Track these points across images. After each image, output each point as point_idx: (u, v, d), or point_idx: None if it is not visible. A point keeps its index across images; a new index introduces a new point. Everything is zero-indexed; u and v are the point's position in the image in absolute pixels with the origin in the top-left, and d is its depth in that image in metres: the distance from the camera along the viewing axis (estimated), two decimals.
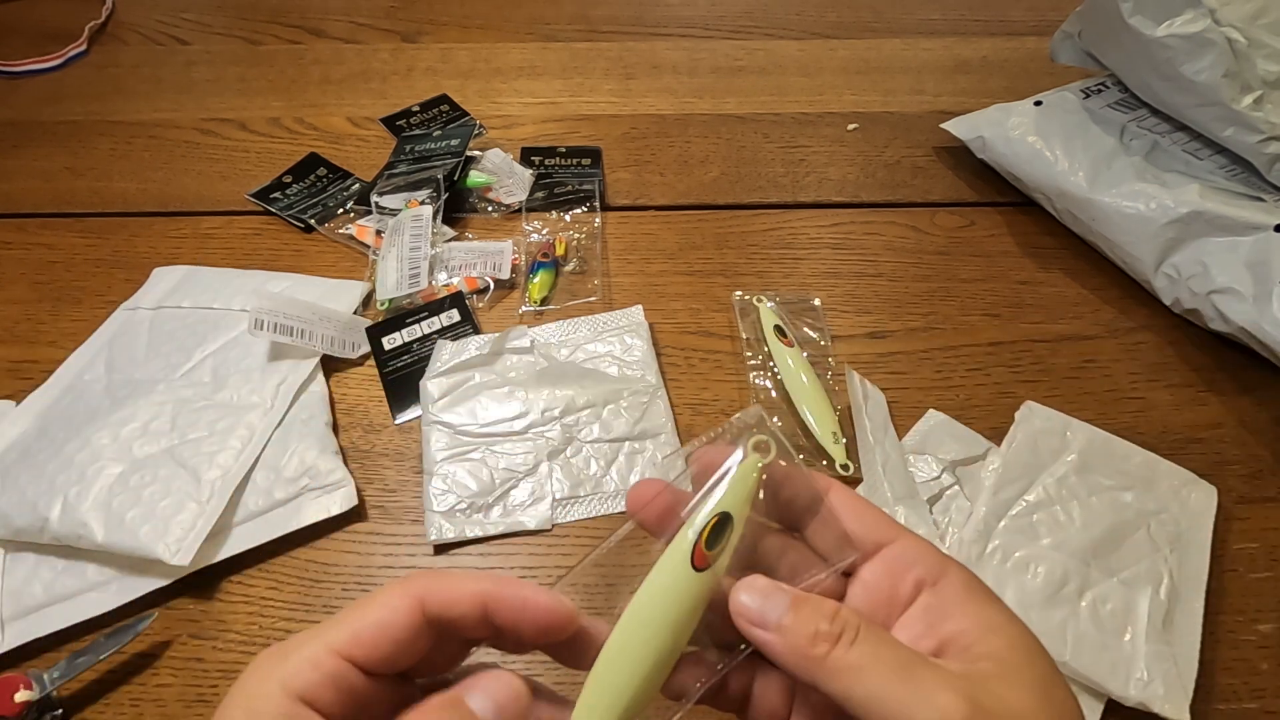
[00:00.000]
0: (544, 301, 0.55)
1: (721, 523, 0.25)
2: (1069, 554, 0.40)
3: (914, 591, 0.24)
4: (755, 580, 0.24)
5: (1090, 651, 0.37)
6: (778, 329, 0.51)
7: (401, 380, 0.51)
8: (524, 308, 0.55)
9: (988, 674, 0.22)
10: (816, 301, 0.55)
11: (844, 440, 0.46)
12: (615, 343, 0.51)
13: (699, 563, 0.24)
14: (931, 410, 0.48)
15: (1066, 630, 0.38)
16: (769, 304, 0.54)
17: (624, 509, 0.44)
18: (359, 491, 0.45)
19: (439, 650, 0.24)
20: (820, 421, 0.47)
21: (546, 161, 0.66)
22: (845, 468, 0.45)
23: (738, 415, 0.27)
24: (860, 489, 0.44)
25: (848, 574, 0.25)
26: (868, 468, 0.45)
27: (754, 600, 0.24)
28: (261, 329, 0.48)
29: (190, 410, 0.47)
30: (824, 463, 0.46)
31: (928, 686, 0.21)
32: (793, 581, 0.25)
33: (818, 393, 0.48)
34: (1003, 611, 0.23)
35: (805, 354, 0.51)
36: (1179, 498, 0.43)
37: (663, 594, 0.24)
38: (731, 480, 0.25)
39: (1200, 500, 0.44)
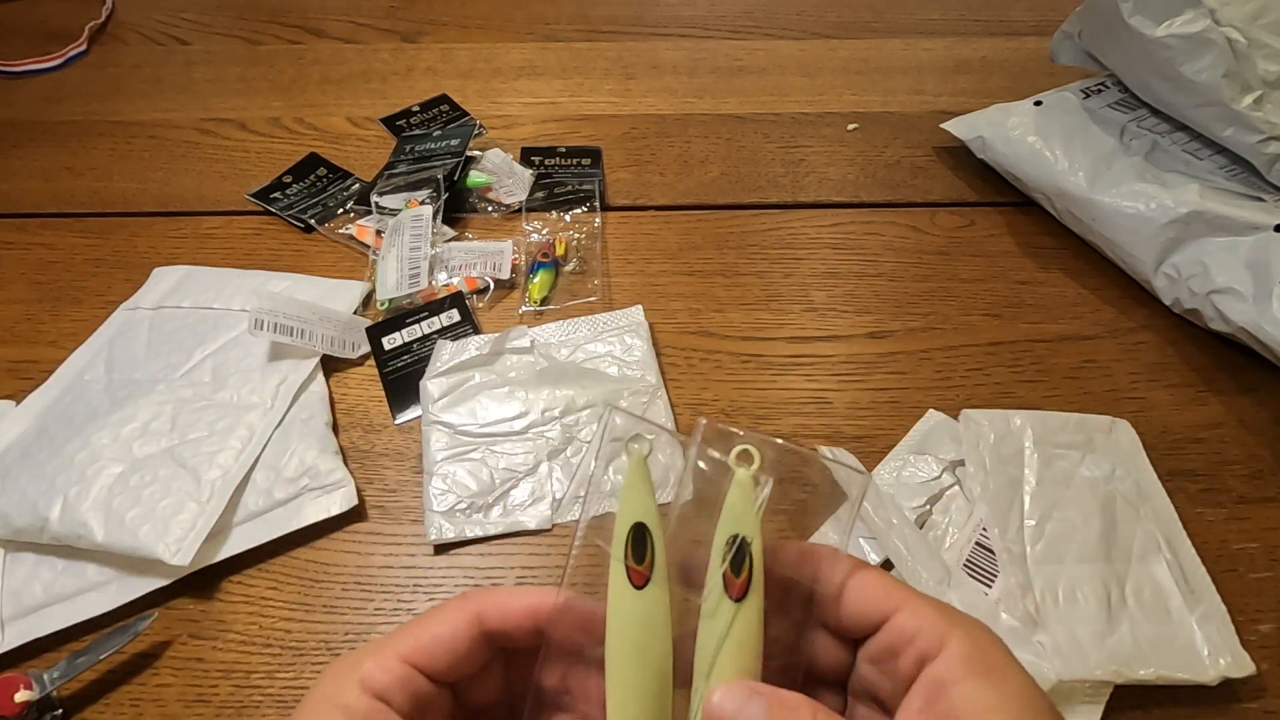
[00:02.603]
0: (544, 301, 0.55)
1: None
2: (1094, 561, 0.40)
3: (916, 667, 0.23)
4: (732, 685, 0.23)
5: (1163, 651, 0.37)
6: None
7: (401, 380, 0.51)
8: (524, 308, 0.55)
9: None
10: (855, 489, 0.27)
11: None
12: (615, 343, 0.51)
13: (637, 580, 0.24)
14: (931, 410, 0.48)
15: (1139, 638, 0.38)
16: (764, 489, 0.25)
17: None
18: (359, 491, 0.45)
19: (486, 664, 0.26)
20: None
21: (546, 161, 0.66)
22: None
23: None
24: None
25: (859, 641, 0.25)
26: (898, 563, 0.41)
27: (731, 706, 0.23)
28: (261, 329, 0.48)
29: (190, 410, 0.47)
30: None
31: None
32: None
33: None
34: (996, 686, 0.22)
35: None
36: (1112, 447, 0.45)
37: (616, 616, 0.24)
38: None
39: (1124, 438, 0.46)
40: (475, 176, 0.63)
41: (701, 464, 0.25)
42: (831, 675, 0.26)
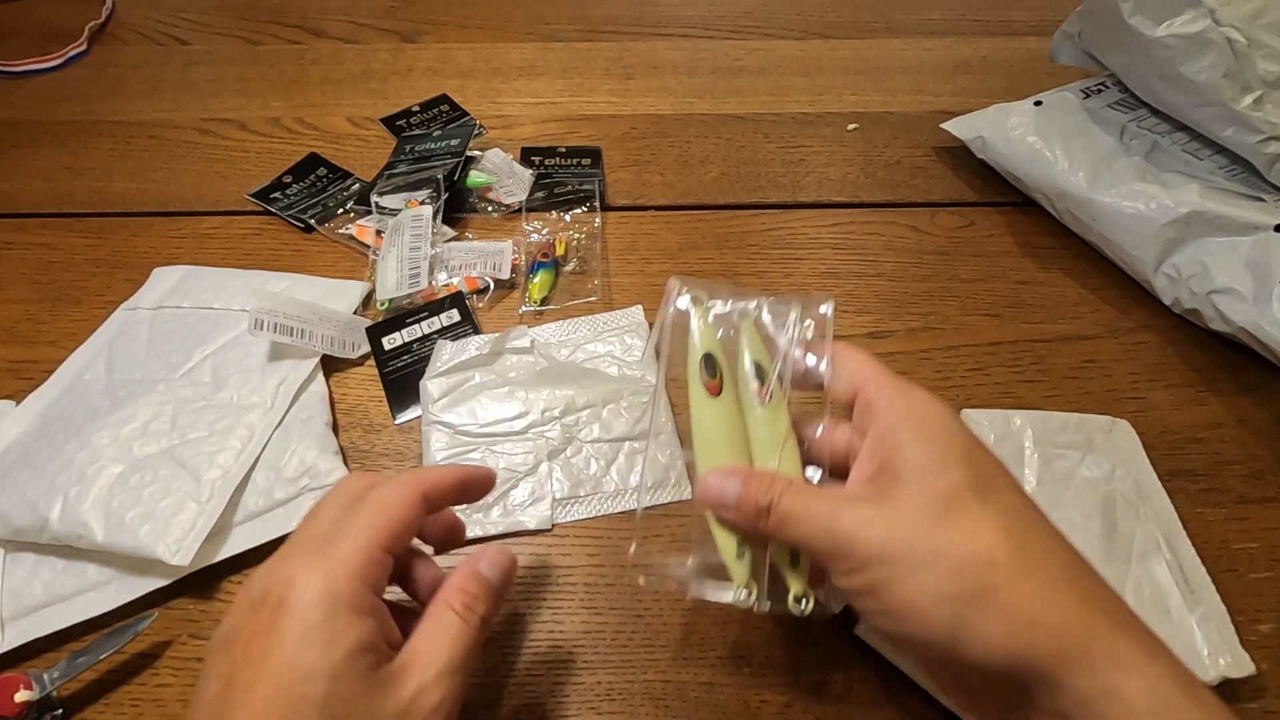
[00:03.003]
0: (544, 301, 0.55)
1: (709, 361, 0.33)
2: (1094, 561, 0.40)
3: (869, 424, 0.30)
4: (720, 469, 0.31)
5: None
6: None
7: (401, 380, 0.51)
8: (524, 308, 0.55)
9: (878, 490, 0.28)
10: (827, 309, 0.35)
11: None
12: (615, 343, 0.51)
13: (713, 391, 0.32)
14: None
15: None
16: (716, 311, 0.35)
17: (623, 510, 0.44)
18: None
19: None
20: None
21: (546, 161, 0.66)
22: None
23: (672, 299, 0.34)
24: None
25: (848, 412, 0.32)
26: None
27: (716, 484, 0.31)
28: (261, 329, 0.48)
29: (190, 410, 0.47)
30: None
31: (828, 516, 0.28)
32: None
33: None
34: (919, 429, 0.29)
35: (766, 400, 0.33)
36: (1111, 447, 0.45)
37: (701, 419, 0.33)
38: (693, 332, 0.34)
39: (1124, 438, 0.46)
40: (475, 176, 0.63)
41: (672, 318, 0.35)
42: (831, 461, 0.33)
